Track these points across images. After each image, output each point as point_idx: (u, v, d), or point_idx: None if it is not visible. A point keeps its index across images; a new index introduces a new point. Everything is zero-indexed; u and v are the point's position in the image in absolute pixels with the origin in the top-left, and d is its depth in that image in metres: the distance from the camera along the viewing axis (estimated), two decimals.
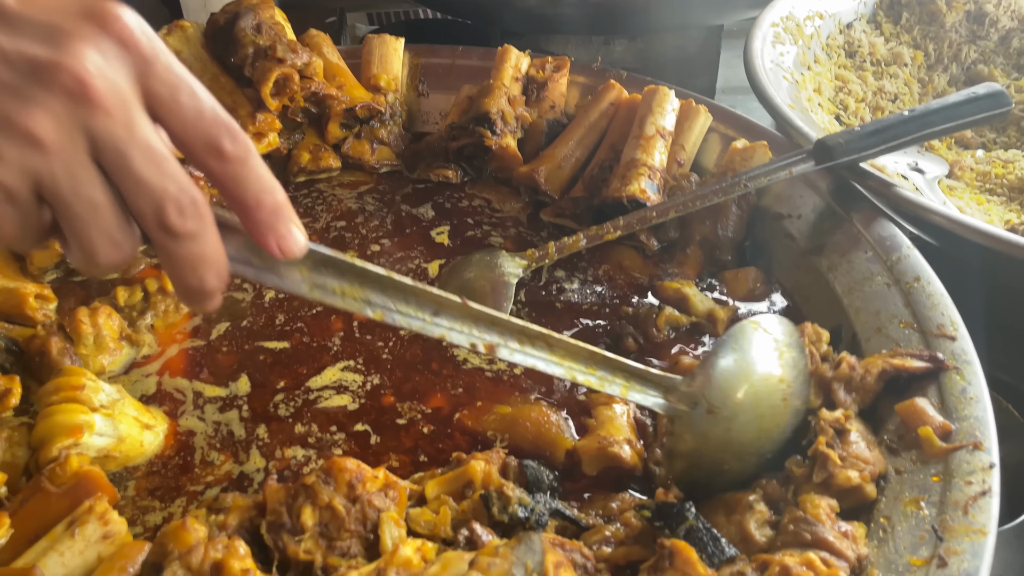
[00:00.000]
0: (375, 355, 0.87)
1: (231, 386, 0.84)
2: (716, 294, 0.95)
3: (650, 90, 1.07)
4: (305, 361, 0.86)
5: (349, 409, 0.81)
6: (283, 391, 0.83)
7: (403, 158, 1.18)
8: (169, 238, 0.53)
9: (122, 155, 0.50)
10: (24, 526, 0.65)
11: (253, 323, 0.92)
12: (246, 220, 0.56)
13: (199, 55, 1.09)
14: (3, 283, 0.90)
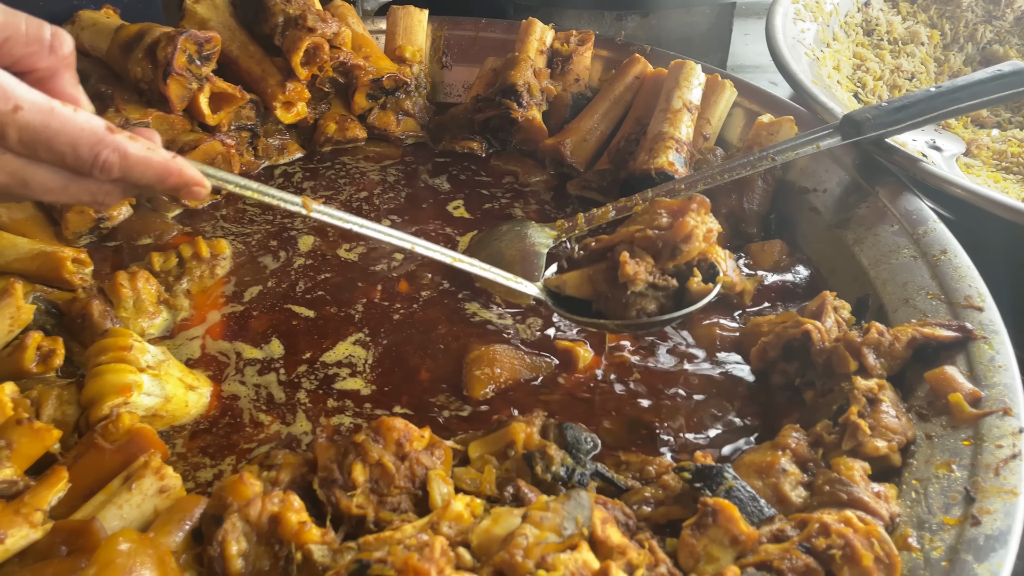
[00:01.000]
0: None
1: (264, 348, 0.85)
2: (742, 265, 0.96)
3: (677, 64, 1.08)
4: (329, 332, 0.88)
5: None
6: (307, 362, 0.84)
7: (428, 130, 1.19)
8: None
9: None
10: (80, 480, 0.67)
11: (278, 285, 0.93)
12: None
13: (227, 23, 1.09)
14: (40, 247, 0.91)
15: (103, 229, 0.98)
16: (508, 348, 0.85)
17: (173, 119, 0.99)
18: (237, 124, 1.06)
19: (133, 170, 0.65)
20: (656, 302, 0.85)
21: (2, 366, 0.79)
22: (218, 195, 1.05)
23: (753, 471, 0.71)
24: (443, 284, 0.94)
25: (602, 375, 0.83)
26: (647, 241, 0.85)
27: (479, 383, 0.82)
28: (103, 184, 0.66)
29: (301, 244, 0.99)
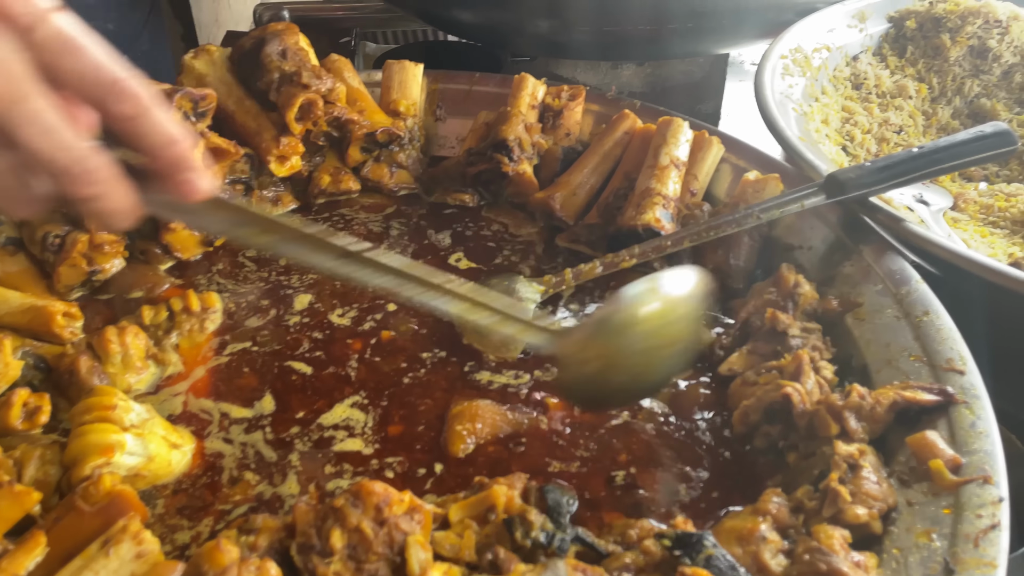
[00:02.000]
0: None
1: (256, 405, 0.86)
2: (724, 320, 0.97)
3: (664, 121, 1.09)
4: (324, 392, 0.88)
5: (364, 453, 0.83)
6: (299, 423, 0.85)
7: (421, 181, 1.21)
8: (76, 200, 0.59)
9: (9, 129, 0.54)
10: (58, 544, 0.67)
11: (273, 342, 0.94)
12: (153, 170, 0.61)
13: (224, 78, 1.11)
14: (31, 301, 0.92)
15: (95, 282, 0.99)
16: (490, 403, 0.86)
17: None
18: (232, 177, 1.08)
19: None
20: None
21: None
22: (210, 247, 1.07)
23: (734, 538, 0.70)
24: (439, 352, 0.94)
25: (583, 432, 0.83)
26: None
27: (459, 439, 0.82)
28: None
29: (297, 303, 0.99)
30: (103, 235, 0.97)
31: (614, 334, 0.73)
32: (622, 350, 0.73)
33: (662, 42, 1.45)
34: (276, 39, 1.09)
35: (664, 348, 0.75)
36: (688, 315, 0.76)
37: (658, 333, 0.74)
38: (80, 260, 0.96)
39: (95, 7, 1.22)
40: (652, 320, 0.73)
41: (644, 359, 0.74)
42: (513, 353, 0.93)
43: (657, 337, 0.74)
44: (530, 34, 1.51)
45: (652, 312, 0.74)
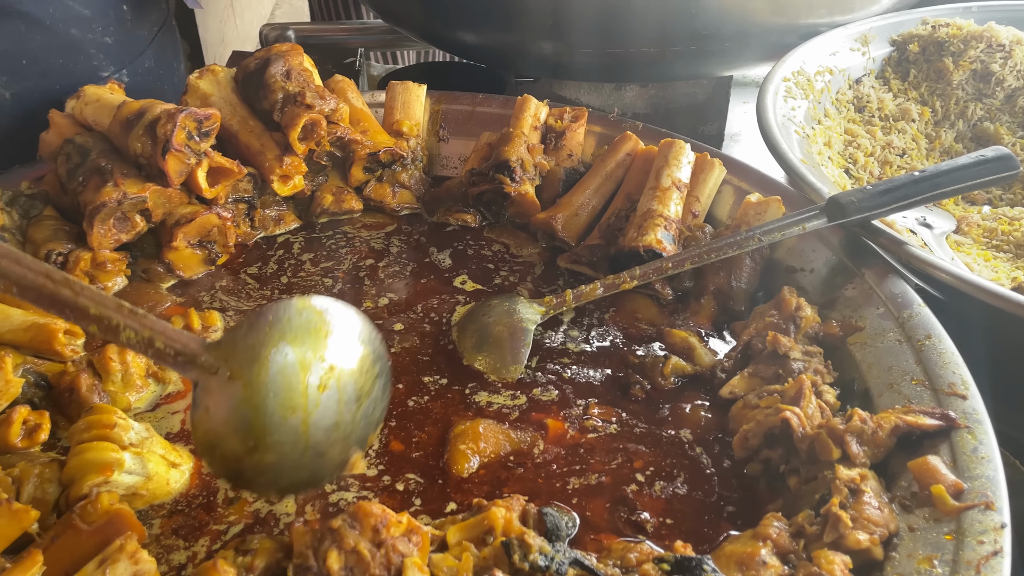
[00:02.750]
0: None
1: None
2: (728, 345, 0.97)
3: (666, 143, 1.10)
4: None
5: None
6: None
7: (423, 201, 1.21)
8: None
9: None
10: (56, 563, 0.66)
11: None
12: None
13: (229, 98, 1.12)
14: (33, 319, 0.92)
15: None
16: (492, 423, 0.86)
17: (170, 193, 1.01)
18: (235, 197, 1.09)
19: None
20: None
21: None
22: (212, 266, 1.07)
23: (733, 562, 0.70)
24: (442, 379, 0.94)
25: (583, 453, 0.83)
26: None
27: (462, 458, 0.82)
28: None
29: None
30: (106, 254, 0.97)
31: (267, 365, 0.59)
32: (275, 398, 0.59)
33: (665, 64, 1.46)
34: (280, 60, 1.10)
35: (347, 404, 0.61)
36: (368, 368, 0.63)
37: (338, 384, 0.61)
38: (83, 278, 0.96)
39: (91, 19, 1.24)
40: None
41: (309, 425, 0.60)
42: (513, 375, 0.92)
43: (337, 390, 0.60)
44: (534, 55, 1.52)
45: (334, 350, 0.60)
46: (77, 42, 1.25)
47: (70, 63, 1.24)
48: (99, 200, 0.95)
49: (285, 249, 1.12)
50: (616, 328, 0.99)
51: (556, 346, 0.97)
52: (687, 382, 0.92)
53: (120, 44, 1.31)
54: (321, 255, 1.11)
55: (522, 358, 0.94)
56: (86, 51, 1.26)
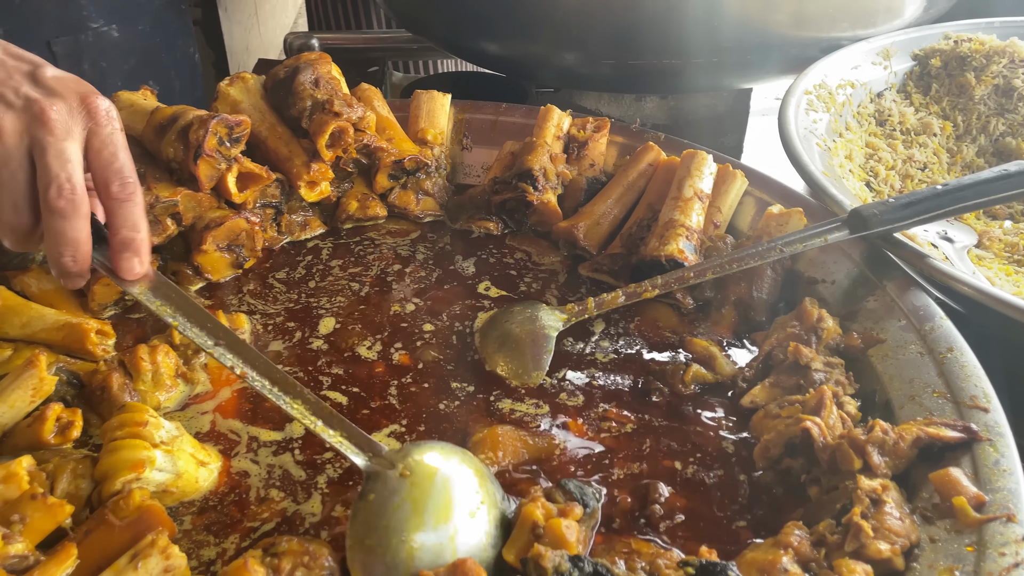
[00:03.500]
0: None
1: (287, 428, 0.87)
2: (749, 355, 0.97)
3: (689, 154, 1.11)
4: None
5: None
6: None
7: (446, 209, 1.23)
8: (47, 212, 0.80)
9: (42, 151, 0.79)
10: (88, 557, 0.68)
11: (295, 365, 0.95)
12: (109, 240, 0.84)
13: (258, 105, 1.14)
14: (66, 318, 0.94)
15: (127, 301, 1.02)
16: (511, 428, 0.87)
17: (201, 197, 1.03)
18: (262, 202, 1.11)
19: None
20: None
21: (21, 437, 0.82)
22: (240, 270, 1.09)
23: (755, 569, 0.70)
24: (468, 386, 0.95)
25: (605, 459, 0.84)
26: None
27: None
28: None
29: (322, 327, 1.01)
30: None
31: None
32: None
33: (686, 76, 1.46)
34: (309, 68, 1.12)
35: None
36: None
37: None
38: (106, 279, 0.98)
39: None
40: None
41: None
42: (535, 381, 0.93)
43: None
44: (555, 66, 1.53)
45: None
46: None
47: (60, 8, 1.30)
48: None
49: (312, 254, 1.14)
50: (637, 336, 1.00)
51: (577, 353, 0.98)
52: (707, 390, 0.92)
53: (111, 1, 1.37)
54: (347, 260, 1.13)
55: (544, 364, 0.95)
56: (77, 1, 1.32)
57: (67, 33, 1.31)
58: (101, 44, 1.32)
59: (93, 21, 1.34)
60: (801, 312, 0.93)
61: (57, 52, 1.32)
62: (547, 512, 0.72)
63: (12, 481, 0.70)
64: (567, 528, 0.70)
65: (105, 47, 1.22)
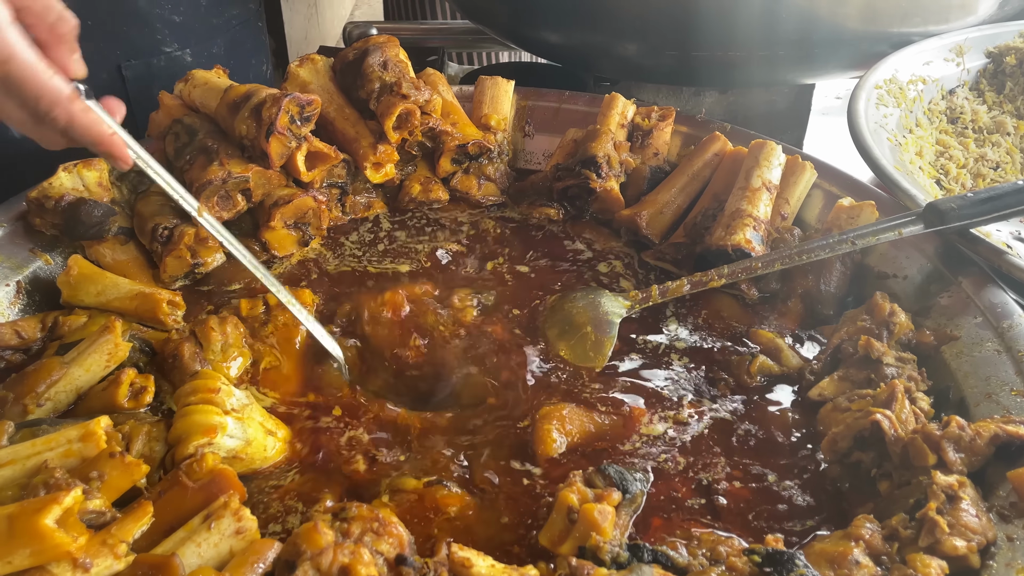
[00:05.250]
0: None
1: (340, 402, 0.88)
2: (816, 348, 0.96)
3: (757, 144, 1.09)
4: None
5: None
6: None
7: (507, 194, 1.23)
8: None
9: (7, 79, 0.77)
10: (163, 515, 0.70)
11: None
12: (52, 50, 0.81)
13: (326, 86, 1.15)
14: (139, 288, 0.97)
15: (198, 274, 1.04)
16: (576, 406, 0.87)
17: (271, 174, 1.05)
18: (328, 182, 1.12)
19: (74, 130, 0.82)
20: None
21: (97, 399, 0.84)
22: (306, 246, 1.10)
23: (824, 560, 0.69)
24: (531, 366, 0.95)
25: (666, 441, 0.83)
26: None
27: (549, 438, 0.83)
28: (53, 132, 0.82)
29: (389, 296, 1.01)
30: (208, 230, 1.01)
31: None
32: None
33: (750, 69, 1.44)
34: (378, 51, 1.13)
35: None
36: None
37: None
38: (185, 252, 1.00)
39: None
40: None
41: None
42: (597, 365, 0.93)
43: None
44: (617, 57, 1.52)
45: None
46: (144, 14, 1.29)
47: (133, 32, 1.29)
48: (205, 178, 0.99)
49: (375, 224, 1.15)
50: (701, 326, 0.99)
51: (640, 341, 0.97)
52: (773, 382, 0.91)
53: (188, 25, 1.35)
54: (409, 240, 1.13)
55: (606, 350, 0.94)
56: (151, 24, 1.30)
57: (139, 57, 1.29)
58: (173, 68, 1.30)
59: (167, 45, 1.33)
60: (872, 306, 0.91)
61: (127, 76, 1.30)
62: (582, 496, 0.72)
63: (91, 440, 0.72)
64: (600, 513, 0.69)
65: (176, 71, 1.19)
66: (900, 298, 0.96)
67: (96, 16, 1.21)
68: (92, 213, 0.98)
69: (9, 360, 0.90)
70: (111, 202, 1.03)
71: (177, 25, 1.33)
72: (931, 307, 0.93)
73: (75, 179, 1.01)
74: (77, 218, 0.98)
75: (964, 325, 0.88)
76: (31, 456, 0.70)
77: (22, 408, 0.81)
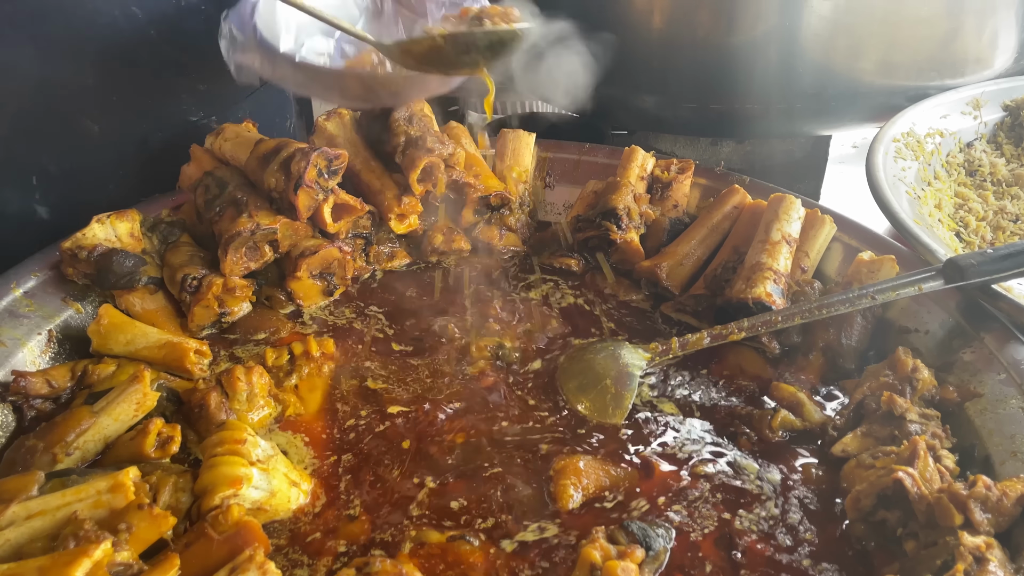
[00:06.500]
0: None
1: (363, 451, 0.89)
2: (838, 403, 0.96)
3: (776, 197, 1.11)
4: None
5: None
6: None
7: (528, 244, 1.24)
8: None
9: None
10: (189, 567, 0.70)
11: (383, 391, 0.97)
12: None
13: (352, 139, 1.18)
14: (167, 337, 0.98)
15: (224, 323, 1.06)
16: (592, 458, 0.87)
17: (298, 226, 1.07)
18: (354, 232, 1.14)
19: None
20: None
21: (125, 449, 0.85)
22: (330, 296, 1.12)
23: None
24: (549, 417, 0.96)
25: (685, 496, 0.83)
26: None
27: (566, 492, 0.83)
28: None
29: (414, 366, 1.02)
30: (236, 280, 1.03)
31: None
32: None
33: (767, 121, 1.47)
34: (404, 106, 1.16)
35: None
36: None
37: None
38: (213, 302, 1.02)
39: (186, 66, 1.30)
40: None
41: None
42: (616, 420, 0.93)
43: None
44: (635, 109, 1.55)
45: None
46: (169, 86, 1.30)
47: (158, 104, 1.29)
48: (235, 229, 1.01)
49: (398, 283, 1.17)
50: (721, 379, 1.00)
51: (661, 393, 0.98)
52: (795, 437, 0.91)
53: (213, 92, 1.36)
54: (432, 291, 1.15)
55: (626, 404, 0.95)
56: (176, 95, 1.31)
57: (165, 129, 1.29)
58: (198, 135, 1.30)
59: (192, 115, 1.34)
60: (894, 361, 0.91)
61: (153, 146, 1.31)
62: (605, 554, 0.71)
63: (119, 491, 0.73)
64: (623, 571, 0.69)
65: (202, 138, 1.21)
66: (922, 353, 0.96)
67: (124, 91, 1.24)
68: (123, 263, 1.01)
69: (39, 409, 0.92)
70: (142, 252, 1.06)
71: (202, 94, 1.35)
72: (954, 362, 0.93)
73: (108, 230, 1.03)
74: (109, 268, 1.00)
75: (988, 382, 0.88)
76: (61, 507, 0.71)
77: (51, 457, 0.82)
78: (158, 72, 1.26)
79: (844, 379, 0.98)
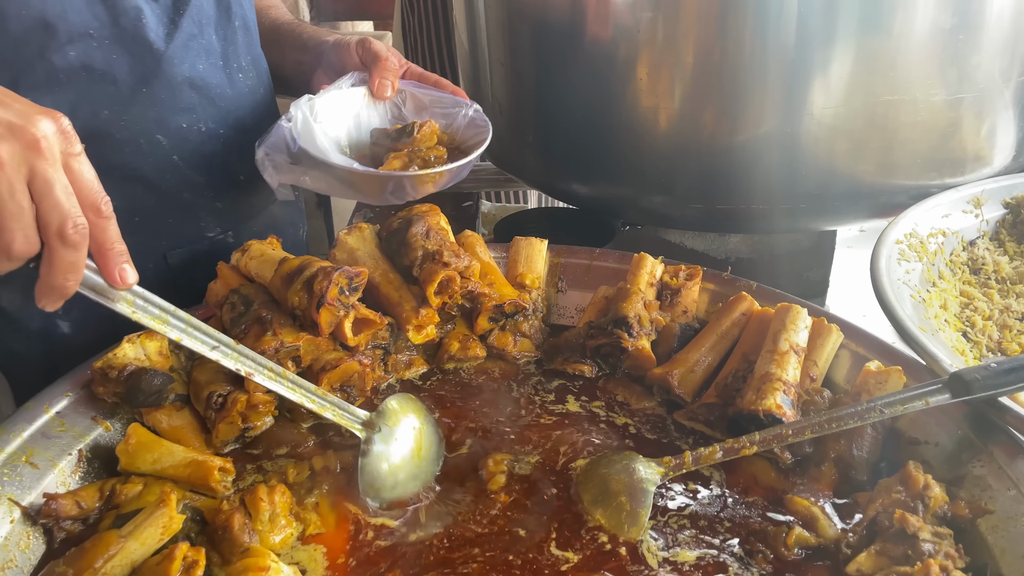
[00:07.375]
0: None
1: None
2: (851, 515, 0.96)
3: (783, 307, 1.14)
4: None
5: None
6: None
7: (542, 350, 1.27)
8: (61, 244, 0.81)
9: (49, 186, 0.80)
10: None
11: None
12: (100, 258, 0.87)
13: (372, 253, 1.23)
14: (193, 455, 1.01)
15: (247, 438, 1.08)
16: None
17: (319, 341, 1.11)
18: (373, 343, 1.18)
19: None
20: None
21: (150, 574, 0.87)
22: None
23: None
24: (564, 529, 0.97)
25: None
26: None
27: None
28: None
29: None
30: (259, 396, 1.06)
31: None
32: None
33: (772, 219, 1.51)
34: (421, 220, 1.21)
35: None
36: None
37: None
38: (237, 418, 1.05)
39: (204, 185, 1.37)
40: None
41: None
42: (632, 536, 0.94)
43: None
44: (644, 207, 1.61)
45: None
46: (188, 205, 1.36)
47: (178, 223, 1.36)
48: (260, 348, 1.05)
49: (414, 393, 1.19)
50: (735, 492, 1.01)
51: (675, 507, 0.99)
52: (811, 554, 0.92)
53: (229, 209, 1.42)
54: (449, 400, 1.18)
55: (642, 520, 0.96)
56: (196, 213, 1.37)
57: (184, 245, 1.36)
58: (215, 251, 1.35)
59: (210, 231, 1.40)
60: (906, 477, 0.92)
61: (172, 264, 1.37)
62: None
63: None
64: None
65: (218, 254, 1.25)
66: (932, 466, 0.97)
67: (146, 212, 1.30)
68: (152, 382, 1.04)
69: (69, 531, 0.94)
70: (169, 369, 1.10)
71: (219, 211, 1.40)
72: (964, 476, 0.94)
73: (138, 349, 1.07)
74: (138, 387, 1.04)
75: (999, 498, 0.89)
76: None
77: None
78: (179, 193, 1.33)
79: (857, 491, 0.99)
